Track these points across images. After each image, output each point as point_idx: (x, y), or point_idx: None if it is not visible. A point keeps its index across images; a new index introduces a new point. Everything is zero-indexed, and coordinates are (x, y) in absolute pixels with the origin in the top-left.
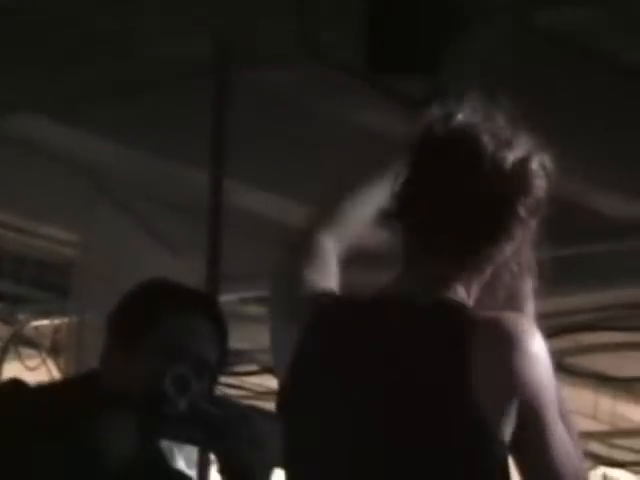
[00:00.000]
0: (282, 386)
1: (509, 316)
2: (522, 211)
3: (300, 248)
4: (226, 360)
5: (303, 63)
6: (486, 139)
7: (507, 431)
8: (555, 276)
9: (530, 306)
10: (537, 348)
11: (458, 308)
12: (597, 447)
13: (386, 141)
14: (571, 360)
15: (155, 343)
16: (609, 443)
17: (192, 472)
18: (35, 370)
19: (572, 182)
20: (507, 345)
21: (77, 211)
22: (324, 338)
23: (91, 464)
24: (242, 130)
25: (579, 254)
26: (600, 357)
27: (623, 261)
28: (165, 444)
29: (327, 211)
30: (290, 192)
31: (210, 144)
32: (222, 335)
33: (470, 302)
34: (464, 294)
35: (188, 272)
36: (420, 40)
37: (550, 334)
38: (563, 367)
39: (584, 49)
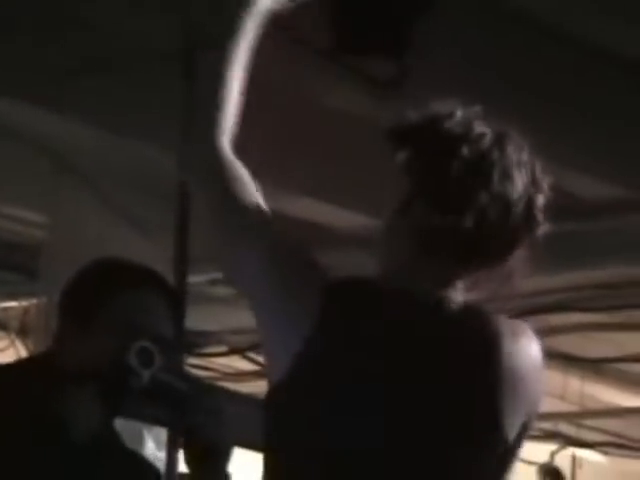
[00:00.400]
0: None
1: (519, 321)
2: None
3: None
4: (182, 338)
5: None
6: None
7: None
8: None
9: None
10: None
11: (485, 313)
12: (566, 428)
13: (354, 122)
14: (540, 340)
15: (111, 320)
16: (578, 424)
17: (162, 454)
18: (4, 351)
19: (546, 162)
20: (532, 362)
21: (44, 192)
22: (344, 324)
23: (57, 439)
24: None
25: (547, 235)
26: (569, 338)
27: (592, 242)
28: (134, 426)
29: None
30: (258, 173)
31: (178, 124)
32: (176, 313)
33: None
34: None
35: (156, 253)
36: (388, 22)
37: (519, 315)
38: None
39: (553, 30)
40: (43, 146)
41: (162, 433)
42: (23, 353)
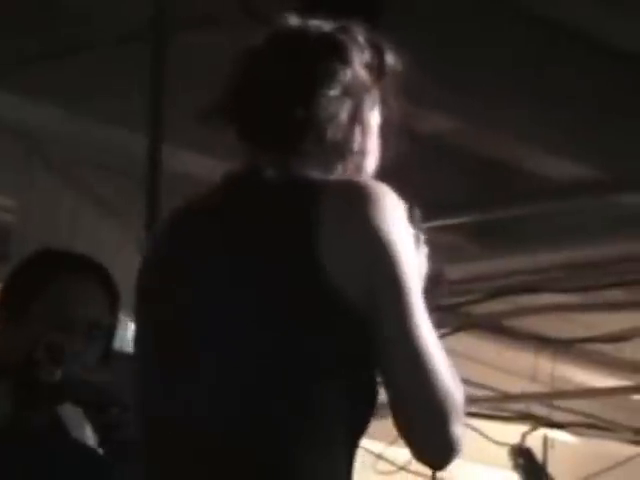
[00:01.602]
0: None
1: (360, 179)
2: (338, 71)
3: None
4: (117, 318)
5: (241, 24)
6: (301, 23)
7: (362, 298)
8: (493, 238)
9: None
10: (392, 212)
11: (308, 178)
12: (537, 409)
13: None
14: (510, 322)
15: (43, 310)
16: (549, 405)
17: None
18: None
19: (507, 143)
20: (356, 204)
21: (13, 176)
22: (172, 235)
23: None
24: (181, 93)
25: (516, 216)
26: (539, 319)
27: (560, 222)
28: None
29: None
30: (229, 155)
31: (148, 107)
32: (113, 299)
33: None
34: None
35: (126, 237)
36: (358, 5)
37: (489, 296)
38: (502, 329)
39: (527, 10)
40: (13, 130)
41: None
42: None
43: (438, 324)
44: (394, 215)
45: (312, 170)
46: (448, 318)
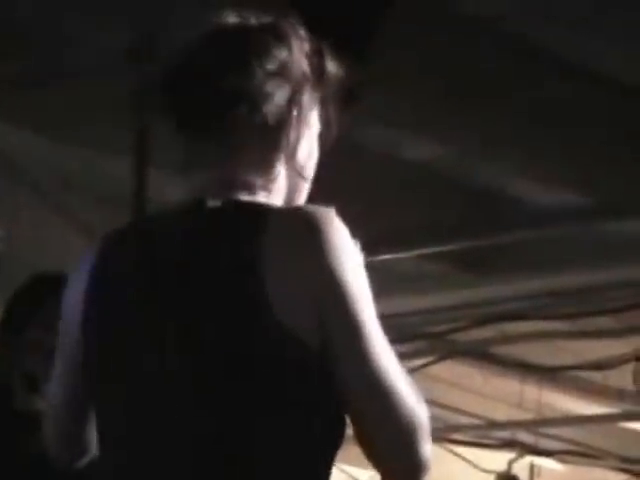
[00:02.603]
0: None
1: (304, 206)
2: (276, 52)
3: None
4: None
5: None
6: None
7: (313, 333)
8: (479, 266)
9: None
10: (338, 239)
11: (250, 203)
12: (524, 436)
13: None
14: (496, 349)
15: (29, 336)
16: (536, 432)
17: None
18: None
19: (494, 170)
20: (301, 236)
21: None
22: (112, 266)
23: None
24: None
25: (502, 243)
26: (525, 346)
27: (545, 249)
28: None
29: None
30: None
31: (133, 134)
32: None
33: (270, 197)
34: (256, 186)
35: None
36: (342, 25)
37: (475, 323)
38: (489, 356)
39: (504, 38)
40: None
41: None
42: None
43: (425, 352)
44: (342, 244)
45: (253, 175)
46: (435, 346)
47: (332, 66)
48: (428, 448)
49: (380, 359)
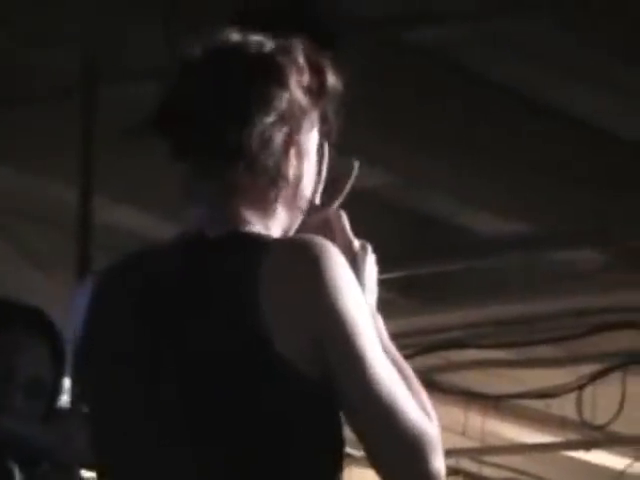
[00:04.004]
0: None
1: (301, 238)
2: (274, 97)
3: None
4: (63, 374)
5: (172, 74)
6: (241, 39)
7: (313, 364)
8: (423, 293)
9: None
10: (335, 271)
11: (248, 236)
12: (467, 464)
13: None
14: (440, 377)
15: None
16: (479, 460)
17: None
18: None
19: (439, 199)
20: (299, 269)
21: None
22: (110, 299)
23: None
24: (112, 144)
25: (446, 271)
26: (469, 374)
27: (490, 278)
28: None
29: None
30: (159, 208)
31: (79, 159)
32: (57, 350)
33: (270, 230)
34: (256, 220)
35: (57, 288)
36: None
37: (419, 351)
38: (432, 384)
39: (453, 64)
40: None
41: None
42: None
43: None
44: (339, 274)
45: (251, 211)
46: None
47: (331, 79)
48: (439, 463)
49: (382, 381)
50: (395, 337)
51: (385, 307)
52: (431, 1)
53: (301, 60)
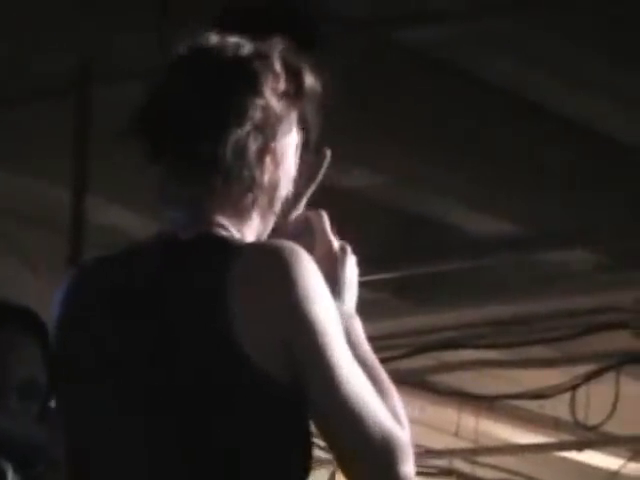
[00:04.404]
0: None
1: (272, 242)
2: (249, 106)
3: None
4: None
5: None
6: (217, 42)
7: (282, 367)
8: (417, 294)
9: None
10: (306, 276)
11: (219, 239)
12: (461, 464)
13: None
14: (433, 378)
15: None
16: (472, 460)
17: None
18: None
19: (430, 199)
20: (269, 274)
21: None
22: (83, 296)
23: None
24: (106, 145)
25: (439, 272)
26: (462, 375)
27: (483, 278)
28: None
29: None
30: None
31: (72, 160)
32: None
33: (244, 234)
34: (230, 224)
35: (49, 288)
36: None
37: (413, 352)
38: (426, 384)
39: (444, 64)
40: None
41: None
42: None
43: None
44: (309, 279)
45: (227, 215)
46: None
47: (309, 81)
48: (409, 469)
49: (350, 387)
50: (388, 337)
51: (378, 308)
52: (423, 1)
53: (278, 65)
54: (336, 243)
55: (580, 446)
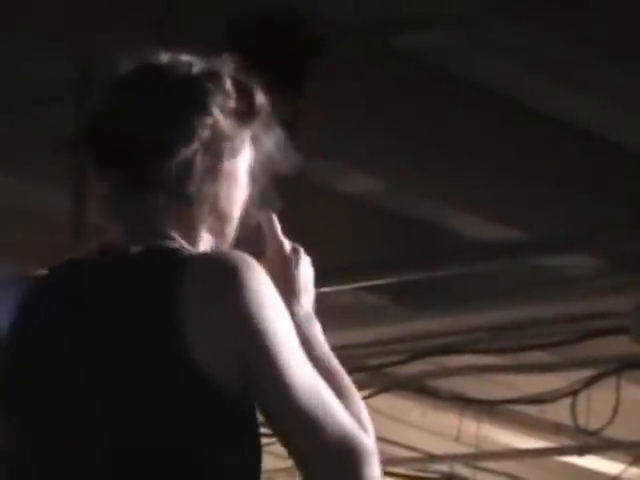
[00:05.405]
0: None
1: (220, 251)
2: (197, 124)
3: None
4: None
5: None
6: (173, 61)
7: (233, 376)
8: (417, 299)
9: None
10: (255, 283)
11: (168, 251)
12: (461, 469)
13: None
14: (434, 383)
15: None
16: (473, 465)
17: None
18: None
19: (432, 204)
20: (218, 282)
21: None
22: (33, 310)
23: None
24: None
25: (439, 277)
26: (463, 380)
27: (484, 283)
28: None
29: None
30: None
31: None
32: None
33: (193, 246)
34: (179, 238)
35: None
36: (281, 64)
37: (413, 357)
38: (426, 389)
39: (440, 69)
40: None
41: None
42: None
43: (363, 385)
44: (258, 287)
45: (174, 228)
46: (373, 379)
47: (260, 99)
48: (373, 474)
49: (305, 391)
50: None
51: (379, 313)
52: (419, 5)
53: (228, 83)
54: (288, 244)
55: (581, 451)
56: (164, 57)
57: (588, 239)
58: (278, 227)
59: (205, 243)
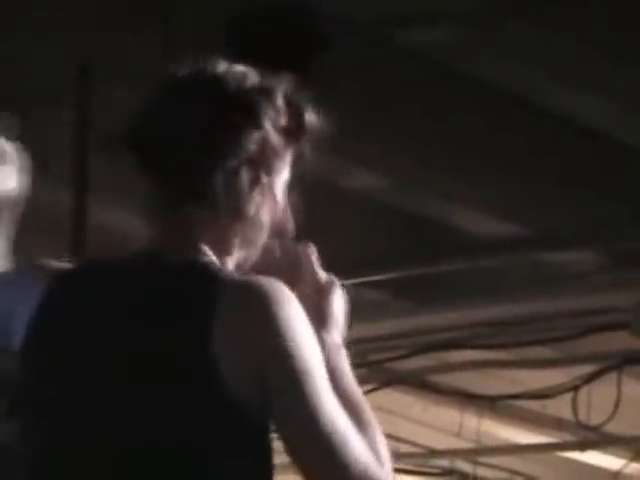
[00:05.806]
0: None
1: (254, 278)
2: (246, 141)
3: None
4: None
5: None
6: (220, 73)
7: (255, 394)
8: (418, 295)
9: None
10: (286, 310)
11: (205, 268)
12: (463, 465)
13: None
14: (435, 378)
15: None
16: (474, 461)
17: None
18: None
19: (434, 200)
20: (251, 308)
21: None
22: (59, 306)
23: None
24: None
25: (441, 272)
26: (465, 375)
27: (485, 278)
28: None
29: None
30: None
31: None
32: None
33: (225, 263)
34: (213, 252)
35: None
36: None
37: (414, 352)
38: (428, 385)
39: (446, 65)
40: None
41: None
42: None
43: (364, 380)
44: (290, 317)
45: (207, 238)
46: (374, 374)
47: (310, 118)
48: None
49: (327, 422)
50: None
51: (381, 308)
52: (424, 2)
53: (280, 100)
54: (324, 276)
55: (582, 446)
56: (221, 66)
57: (590, 235)
58: (316, 259)
59: (235, 257)
